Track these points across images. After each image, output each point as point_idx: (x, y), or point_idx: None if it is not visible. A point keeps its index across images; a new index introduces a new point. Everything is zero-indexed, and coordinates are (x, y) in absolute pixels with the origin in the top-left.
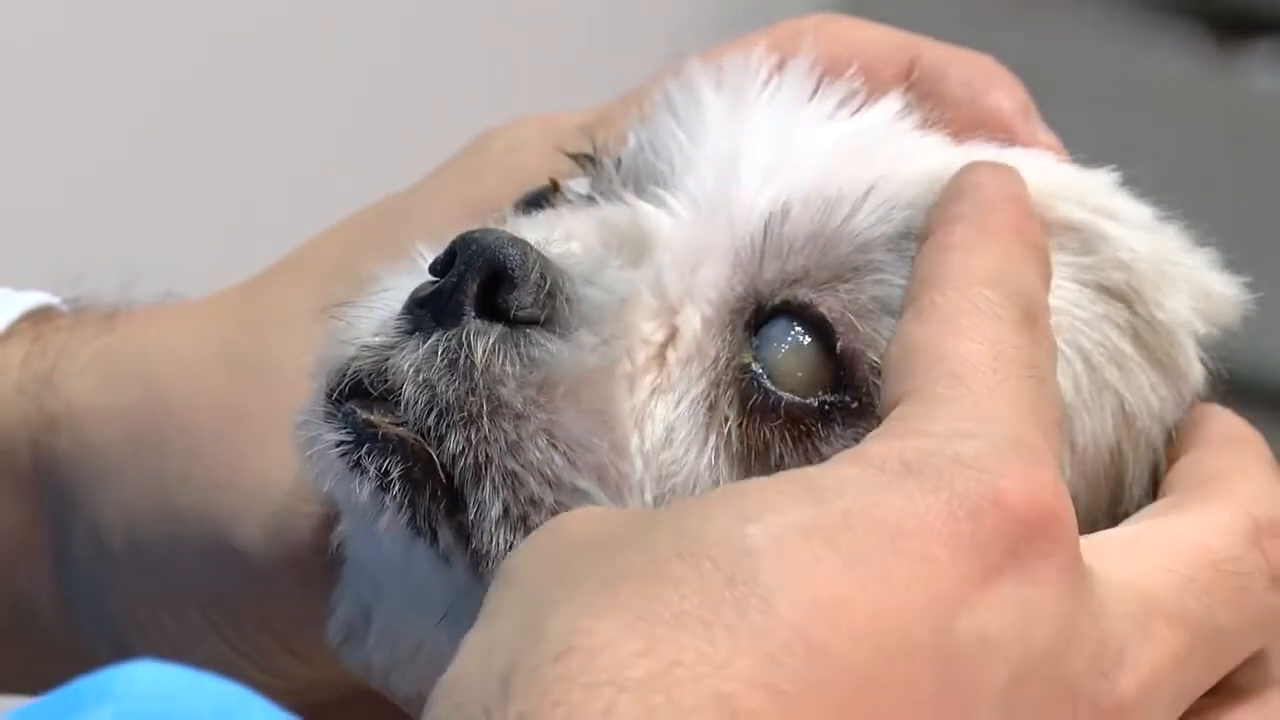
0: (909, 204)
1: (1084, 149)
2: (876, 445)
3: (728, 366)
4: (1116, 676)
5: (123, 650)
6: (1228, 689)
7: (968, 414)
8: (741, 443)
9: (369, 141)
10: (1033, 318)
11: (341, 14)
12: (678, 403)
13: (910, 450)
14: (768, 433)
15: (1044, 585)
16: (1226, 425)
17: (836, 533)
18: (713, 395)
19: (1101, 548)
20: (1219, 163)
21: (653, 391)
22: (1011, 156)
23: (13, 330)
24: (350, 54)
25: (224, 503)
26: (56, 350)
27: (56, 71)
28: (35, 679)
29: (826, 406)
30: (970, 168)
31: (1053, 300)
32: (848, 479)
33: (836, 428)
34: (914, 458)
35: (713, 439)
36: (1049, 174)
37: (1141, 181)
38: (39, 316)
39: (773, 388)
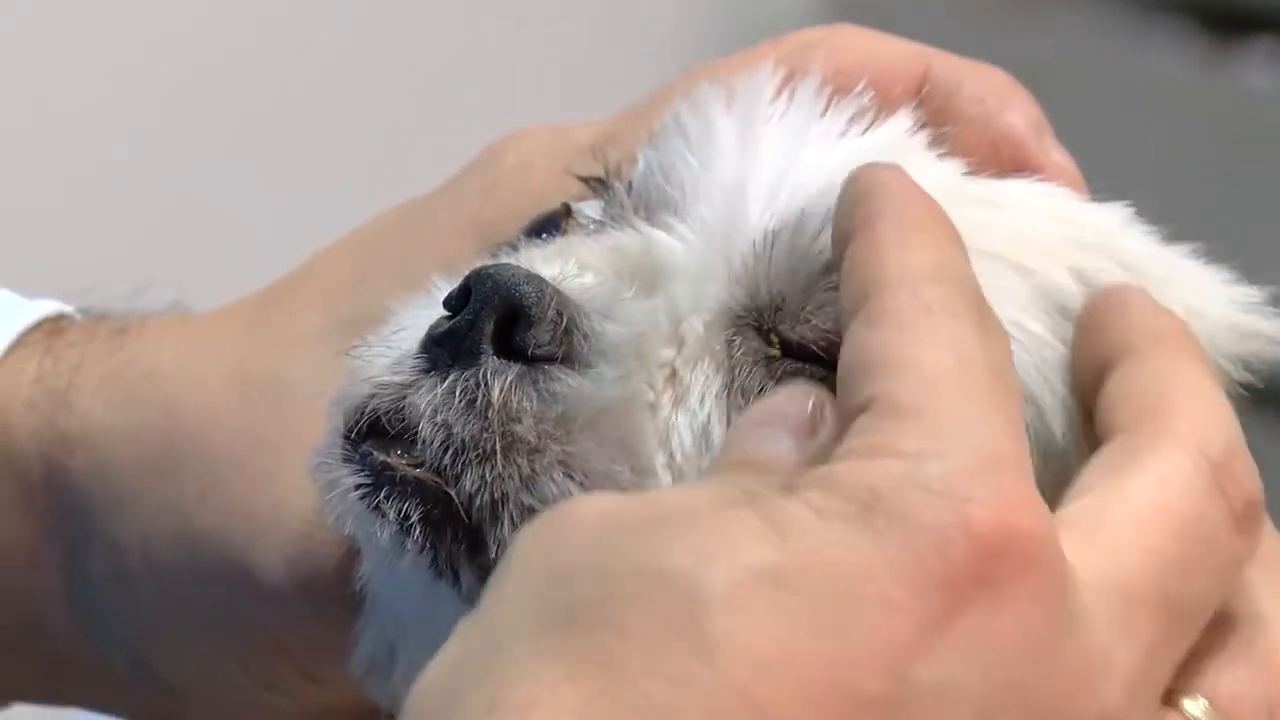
0: None
1: (1078, 147)
2: (843, 469)
3: (749, 358)
4: (1103, 685)
5: (141, 668)
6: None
7: (936, 429)
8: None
9: (375, 143)
10: (982, 308)
11: (351, 13)
12: (701, 400)
13: (877, 476)
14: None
15: (1013, 611)
16: (1150, 321)
17: (795, 577)
18: (734, 381)
19: (1068, 533)
20: (1213, 161)
21: (673, 405)
22: (1025, 194)
23: (23, 340)
24: (358, 55)
25: (242, 529)
26: (71, 368)
27: (61, 75)
28: (49, 689)
29: None
30: (864, 169)
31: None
32: (812, 514)
33: None
34: (881, 485)
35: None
36: (1061, 218)
37: (1136, 181)
38: (50, 328)
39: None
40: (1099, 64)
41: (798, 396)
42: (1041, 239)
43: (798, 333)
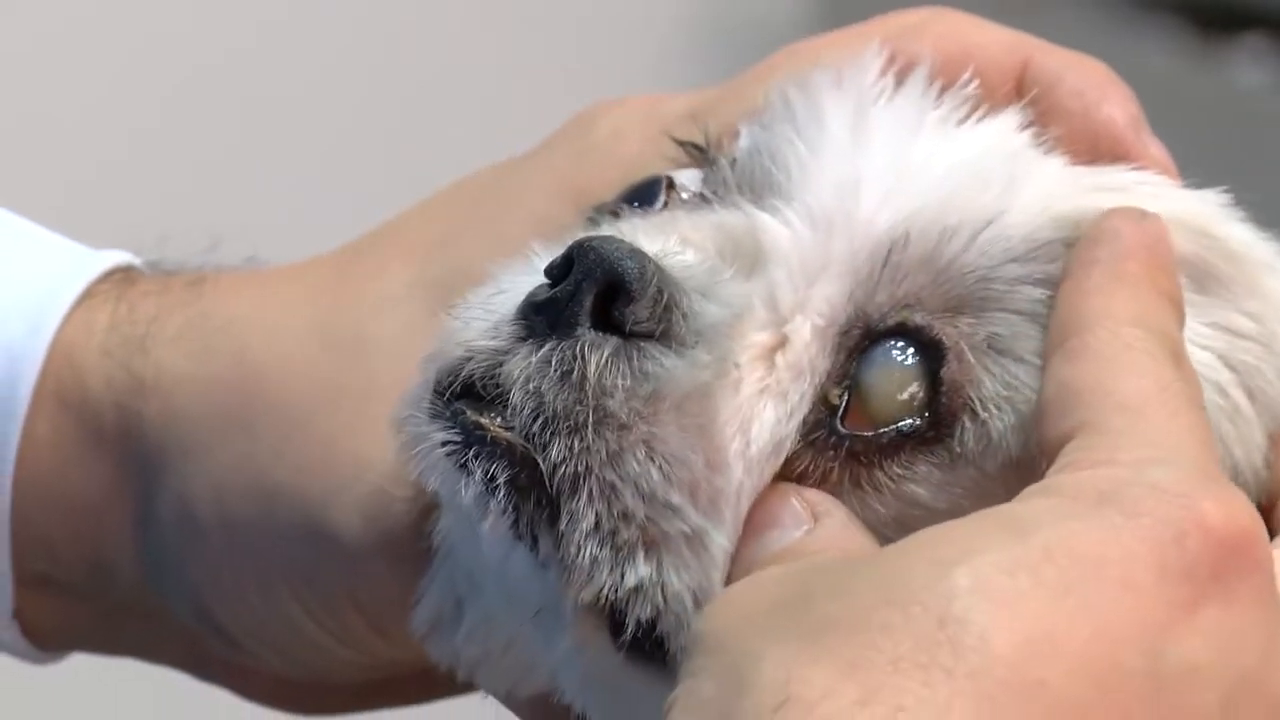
0: (1025, 237)
1: None
2: (1065, 478)
3: (820, 394)
4: None
5: (204, 617)
6: None
7: (1151, 443)
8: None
9: (407, 129)
10: (1180, 358)
11: None
12: (790, 416)
13: (1103, 480)
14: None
15: (1246, 609)
16: None
17: (1040, 567)
18: (810, 411)
19: None
20: (1204, 158)
21: (761, 391)
22: (1126, 183)
23: (93, 290)
24: (391, 31)
25: (318, 484)
26: (148, 317)
27: (132, 30)
28: (112, 638)
29: (887, 436)
30: (1112, 214)
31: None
32: (1043, 512)
33: (901, 454)
34: (1108, 487)
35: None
36: (1164, 203)
37: None
38: (121, 278)
39: (840, 427)
40: None
41: (775, 500)
42: None
43: (937, 325)
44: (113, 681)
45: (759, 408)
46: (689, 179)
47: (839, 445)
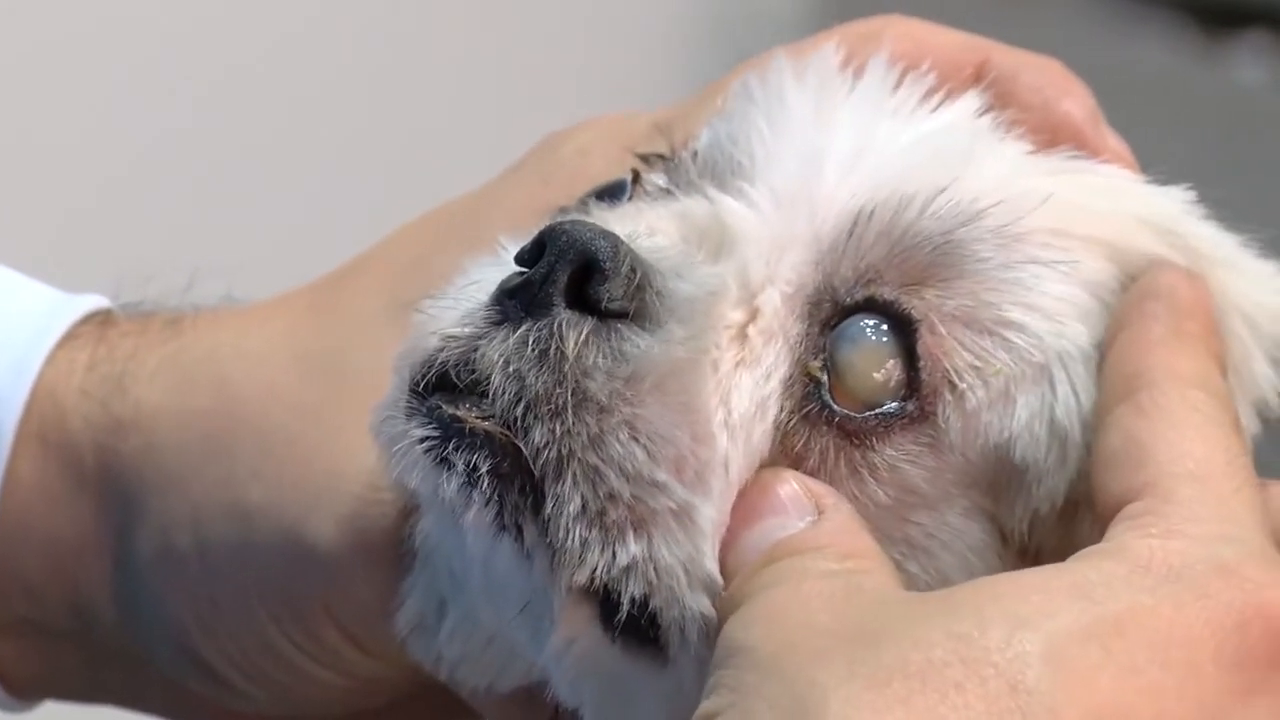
0: (973, 201)
1: None
2: (1136, 542)
3: (799, 364)
4: None
5: (183, 652)
6: None
7: (1219, 518)
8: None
9: (402, 145)
10: (1239, 425)
11: (402, 16)
12: (767, 378)
13: (1174, 553)
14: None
15: None
16: None
17: (1111, 639)
18: (792, 379)
19: None
20: (1206, 155)
21: (737, 364)
22: (1090, 175)
23: (74, 333)
24: (387, 56)
25: (295, 498)
26: (126, 355)
27: (108, 73)
28: (94, 685)
29: (877, 419)
30: (1163, 270)
31: None
32: (1115, 580)
33: (893, 435)
34: (1179, 561)
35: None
36: (1130, 201)
37: None
38: (100, 320)
39: (831, 401)
40: (1091, 57)
41: (777, 484)
42: (1117, 220)
43: (904, 299)
44: None
45: (736, 379)
46: (658, 179)
47: (831, 419)
